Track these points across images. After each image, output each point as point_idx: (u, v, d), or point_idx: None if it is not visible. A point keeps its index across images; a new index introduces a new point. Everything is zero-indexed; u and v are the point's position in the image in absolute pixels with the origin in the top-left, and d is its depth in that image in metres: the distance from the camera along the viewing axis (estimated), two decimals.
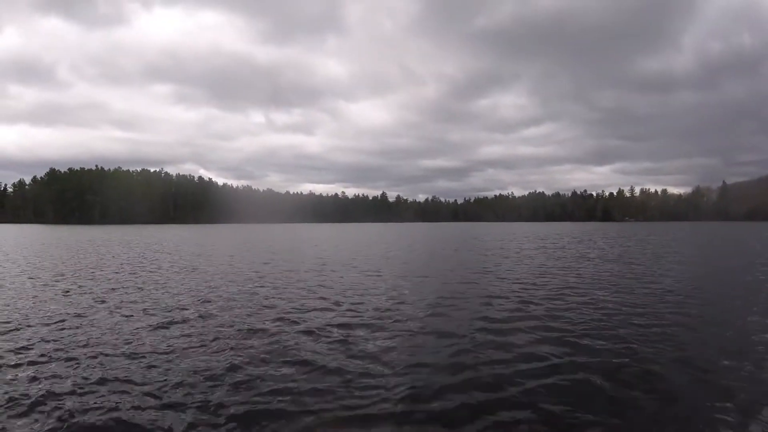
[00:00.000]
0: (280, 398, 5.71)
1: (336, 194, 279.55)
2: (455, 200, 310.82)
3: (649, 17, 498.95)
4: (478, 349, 7.66)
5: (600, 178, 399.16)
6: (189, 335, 8.44)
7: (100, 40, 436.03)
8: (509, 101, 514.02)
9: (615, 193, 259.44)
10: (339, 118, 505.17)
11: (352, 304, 11.50)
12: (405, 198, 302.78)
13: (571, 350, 7.64)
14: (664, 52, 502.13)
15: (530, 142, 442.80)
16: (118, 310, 10.69)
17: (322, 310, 10.82)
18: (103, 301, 11.83)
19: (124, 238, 48.38)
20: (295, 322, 9.49)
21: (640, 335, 8.49)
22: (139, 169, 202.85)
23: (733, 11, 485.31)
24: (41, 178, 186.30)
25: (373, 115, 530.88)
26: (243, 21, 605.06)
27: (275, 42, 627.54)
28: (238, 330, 8.81)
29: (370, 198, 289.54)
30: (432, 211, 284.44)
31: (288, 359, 7.13)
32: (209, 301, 11.78)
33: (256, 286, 14.46)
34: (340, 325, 9.24)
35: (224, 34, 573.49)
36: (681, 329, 8.96)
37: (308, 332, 8.66)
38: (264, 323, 9.34)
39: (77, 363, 6.86)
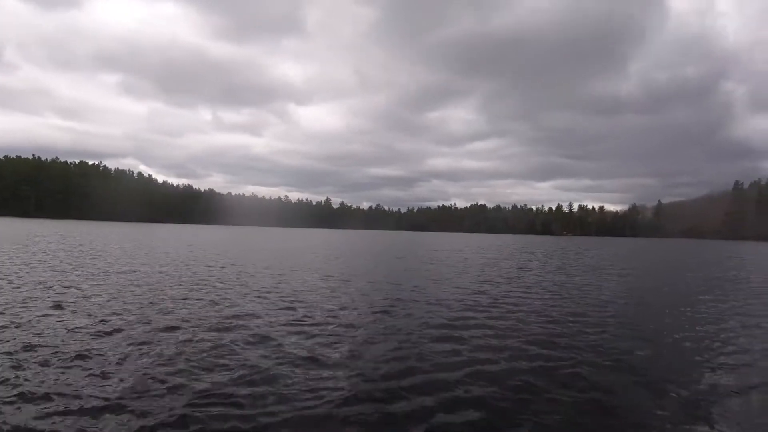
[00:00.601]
0: (227, 401, 5.59)
1: (279, 198, 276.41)
2: (399, 209, 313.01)
3: (600, 44, 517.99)
4: (424, 351, 7.87)
5: (541, 194, 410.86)
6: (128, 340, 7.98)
7: (51, 22, 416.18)
8: (458, 115, 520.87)
9: (554, 209, 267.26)
10: (288, 121, 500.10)
11: (302, 309, 11.29)
12: (349, 205, 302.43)
13: (512, 352, 8.08)
14: (612, 77, 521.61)
15: (475, 156, 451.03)
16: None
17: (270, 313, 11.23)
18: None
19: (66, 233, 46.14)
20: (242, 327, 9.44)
21: (576, 338, 9.19)
22: (77, 161, 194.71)
23: (679, 43, 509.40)
24: None
25: (323, 120, 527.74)
26: (200, 15, 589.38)
27: (231, 39, 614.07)
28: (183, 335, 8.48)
29: (314, 203, 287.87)
30: (376, 219, 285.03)
31: (234, 363, 7.00)
32: (149, 304, 11.29)
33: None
34: (289, 328, 9.49)
35: (179, 27, 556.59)
36: (615, 333, 9.74)
37: (255, 336, 8.50)
38: (207, 327, 9.09)
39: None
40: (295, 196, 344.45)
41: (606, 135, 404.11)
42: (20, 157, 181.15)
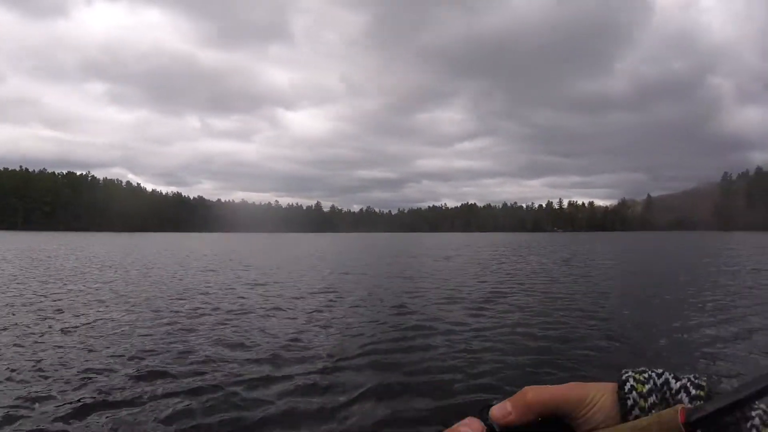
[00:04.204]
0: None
1: (269, 203, 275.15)
2: (389, 211, 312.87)
3: (587, 43, 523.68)
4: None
5: (530, 191, 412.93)
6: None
7: (38, 31, 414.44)
8: (447, 116, 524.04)
9: (544, 205, 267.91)
10: (277, 126, 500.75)
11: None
12: (340, 208, 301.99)
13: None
14: (599, 75, 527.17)
15: (465, 155, 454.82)
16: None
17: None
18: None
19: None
20: None
21: (558, 328, 8.45)
22: (65, 172, 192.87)
23: (667, 38, 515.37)
24: None
25: (312, 125, 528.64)
26: (187, 22, 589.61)
27: (219, 46, 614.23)
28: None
29: (305, 207, 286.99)
30: (367, 222, 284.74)
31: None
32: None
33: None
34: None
35: (167, 35, 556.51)
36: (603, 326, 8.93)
37: None
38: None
39: None
40: (285, 201, 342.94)
41: (594, 132, 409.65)
42: (7, 169, 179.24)
